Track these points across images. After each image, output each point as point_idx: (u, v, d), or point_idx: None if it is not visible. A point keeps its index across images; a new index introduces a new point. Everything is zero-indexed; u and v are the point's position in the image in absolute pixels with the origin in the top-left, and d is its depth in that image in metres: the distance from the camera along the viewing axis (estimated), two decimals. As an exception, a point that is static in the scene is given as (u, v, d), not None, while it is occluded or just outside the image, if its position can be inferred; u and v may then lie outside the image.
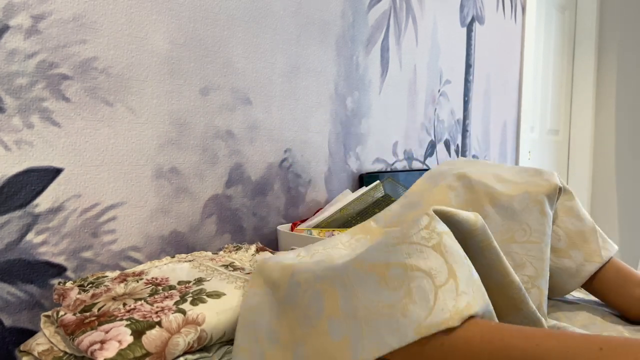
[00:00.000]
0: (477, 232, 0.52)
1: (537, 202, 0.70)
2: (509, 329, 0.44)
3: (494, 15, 2.08)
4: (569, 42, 3.05)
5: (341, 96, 1.26)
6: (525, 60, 2.36)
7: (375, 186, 1.12)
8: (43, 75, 0.71)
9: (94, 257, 0.78)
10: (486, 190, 0.72)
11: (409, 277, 0.45)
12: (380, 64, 1.40)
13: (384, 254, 0.48)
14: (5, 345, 0.69)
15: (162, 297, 0.63)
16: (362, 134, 1.35)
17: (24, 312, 0.70)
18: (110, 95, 0.79)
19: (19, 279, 0.70)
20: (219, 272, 0.73)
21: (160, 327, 0.56)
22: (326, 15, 1.20)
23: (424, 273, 0.45)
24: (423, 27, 1.58)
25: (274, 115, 1.07)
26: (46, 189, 0.72)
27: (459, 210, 0.51)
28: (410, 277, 0.45)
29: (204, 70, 0.92)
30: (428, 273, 0.45)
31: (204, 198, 0.94)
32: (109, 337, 0.53)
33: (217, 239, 0.97)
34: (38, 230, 0.71)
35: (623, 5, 2.98)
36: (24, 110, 0.69)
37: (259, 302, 0.57)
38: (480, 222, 0.52)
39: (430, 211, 0.49)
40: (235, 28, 0.98)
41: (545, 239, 0.68)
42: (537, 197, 0.70)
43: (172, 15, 0.87)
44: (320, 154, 1.21)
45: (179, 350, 0.55)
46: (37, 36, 0.70)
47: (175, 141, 0.89)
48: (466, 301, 0.44)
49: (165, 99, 0.86)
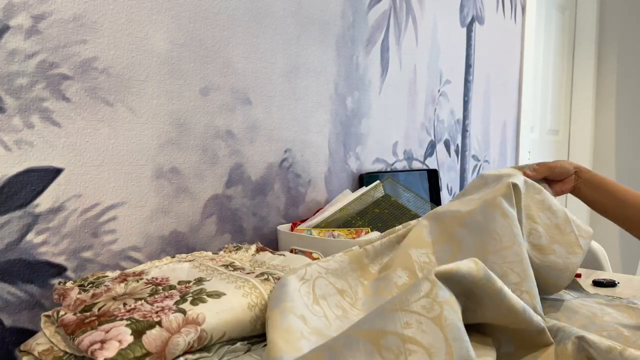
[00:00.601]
0: (481, 282, 0.51)
1: (495, 206, 0.71)
2: None
3: (494, 15, 2.08)
4: (569, 42, 3.05)
5: (341, 96, 1.26)
6: (525, 60, 2.36)
7: (375, 186, 1.12)
8: (43, 75, 0.71)
9: (94, 257, 0.78)
10: (452, 215, 0.75)
11: (406, 350, 0.43)
12: (380, 64, 1.40)
13: (380, 320, 0.45)
14: (6, 345, 0.69)
15: (162, 297, 0.63)
16: (362, 134, 1.35)
17: (24, 312, 0.71)
18: (111, 95, 0.79)
19: (19, 279, 0.70)
20: (219, 272, 0.73)
21: (161, 326, 0.56)
22: (326, 15, 1.20)
23: (423, 349, 0.43)
24: (423, 27, 1.59)
25: (274, 115, 1.07)
26: (46, 189, 0.72)
27: (459, 264, 0.50)
28: (407, 350, 0.43)
29: (204, 71, 0.93)
30: (427, 350, 0.43)
31: (204, 198, 0.94)
32: (109, 337, 0.53)
33: (217, 239, 0.97)
34: (38, 230, 0.71)
35: (623, 5, 2.98)
36: (24, 110, 0.69)
37: None
38: (482, 269, 0.51)
39: (431, 276, 0.47)
40: (235, 28, 0.98)
41: (517, 239, 0.68)
42: (494, 202, 0.71)
43: (172, 15, 0.87)
44: (320, 154, 1.21)
45: (179, 350, 0.55)
46: (37, 36, 0.70)
47: (175, 141, 0.89)
48: None
49: (165, 99, 0.86)
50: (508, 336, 0.57)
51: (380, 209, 1.08)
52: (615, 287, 0.96)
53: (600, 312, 0.79)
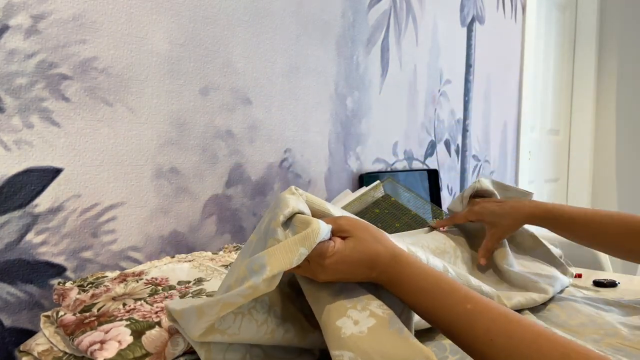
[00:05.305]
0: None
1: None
2: None
3: (494, 15, 2.08)
4: (569, 42, 3.04)
5: (341, 96, 1.26)
6: (525, 60, 2.36)
7: (375, 186, 1.12)
8: (43, 75, 0.71)
9: (94, 257, 0.78)
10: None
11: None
12: (381, 64, 1.40)
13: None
14: (5, 346, 0.69)
15: (162, 297, 0.63)
16: (362, 134, 1.35)
17: (24, 312, 0.70)
18: (110, 95, 0.79)
19: (18, 279, 0.70)
20: (219, 272, 0.73)
21: (160, 327, 0.56)
22: (326, 15, 1.20)
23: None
24: (423, 26, 1.58)
25: (274, 115, 1.07)
26: (46, 189, 0.72)
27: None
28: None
29: (204, 70, 0.92)
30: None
31: (204, 198, 0.94)
32: (108, 337, 0.53)
33: (217, 239, 0.97)
34: (38, 230, 0.71)
35: (623, 5, 2.98)
36: (24, 110, 0.69)
37: None
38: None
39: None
40: (235, 28, 0.98)
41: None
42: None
43: (172, 15, 0.87)
44: (320, 154, 1.20)
45: (179, 350, 0.55)
46: (36, 36, 0.70)
47: (175, 141, 0.89)
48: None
49: (165, 99, 0.86)
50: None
51: (380, 209, 1.08)
52: (615, 287, 0.96)
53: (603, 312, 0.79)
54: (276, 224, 0.52)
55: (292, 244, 0.49)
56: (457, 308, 0.49)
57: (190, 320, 0.49)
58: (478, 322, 0.48)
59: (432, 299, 0.51)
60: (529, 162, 2.52)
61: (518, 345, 0.44)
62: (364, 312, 0.51)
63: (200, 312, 0.48)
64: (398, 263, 0.53)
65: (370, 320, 0.50)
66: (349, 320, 0.50)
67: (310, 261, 0.52)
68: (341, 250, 0.52)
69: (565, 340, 0.44)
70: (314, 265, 0.52)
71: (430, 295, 0.51)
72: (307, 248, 0.49)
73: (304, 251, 0.48)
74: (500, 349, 0.45)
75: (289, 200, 0.54)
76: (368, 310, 0.51)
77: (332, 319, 0.51)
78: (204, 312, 0.48)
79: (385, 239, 0.55)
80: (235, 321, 0.51)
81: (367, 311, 0.51)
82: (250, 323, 0.52)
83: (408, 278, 0.53)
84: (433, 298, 0.51)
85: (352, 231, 0.54)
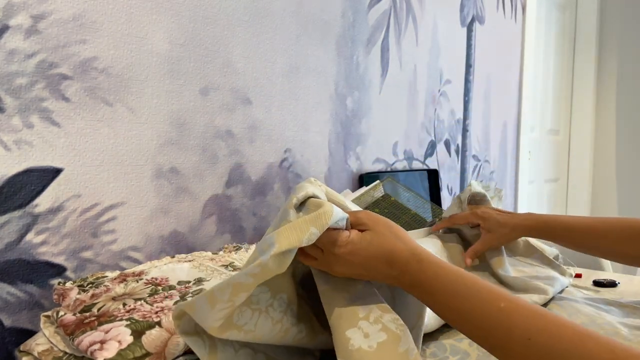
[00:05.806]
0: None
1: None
2: None
3: (494, 15, 2.08)
4: (569, 42, 3.04)
5: (341, 96, 1.26)
6: (525, 60, 2.36)
7: (375, 186, 1.12)
8: (43, 75, 0.71)
9: (94, 257, 0.78)
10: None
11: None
12: (381, 64, 1.40)
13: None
14: (5, 346, 0.69)
15: (162, 297, 0.63)
16: (362, 134, 1.35)
17: (24, 312, 0.70)
18: (110, 95, 0.79)
19: (18, 279, 0.70)
20: (219, 272, 0.73)
21: (160, 327, 0.56)
22: (326, 15, 1.20)
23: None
24: (423, 26, 1.58)
25: (274, 115, 1.07)
26: (46, 189, 0.72)
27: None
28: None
29: (204, 70, 0.92)
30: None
31: (204, 198, 0.94)
32: (108, 337, 0.53)
33: (217, 239, 0.97)
34: (38, 230, 0.71)
35: (623, 5, 2.98)
36: (24, 110, 0.69)
37: None
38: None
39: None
40: (235, 28, 0.98)
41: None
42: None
43: (172, 15, 0.87)
44: (320, 154, 1.20)
45: (179, 350, 0.55)
46: (36, 36, 0.70)
47: (175, 141, 0.89)
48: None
49: (165, 99, 0.86)
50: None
51: (380, 209, 1.08)
52: (615, 287, 0.96)
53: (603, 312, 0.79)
54: (289, 205, 0.52)
55: (303, 223, 0.47)
56: (489, 307, 0.46)
57: (203, 310, 0.46)
58: (513, 321, 0.45)
59: (462, 299, 0.48)
60: (529, 162, 2.52)
61: (558, 343, 0.42)
62: (376, 326, 0.49)
63: (211, 298, 0.46)
64: (420, 262, 0.51)
65: (381, 335, 0.48)
66: (359, 332, 0.48)
67: (324, 250, 0.51)
68: (356, 241, 0.51)
69: (606, 338, 0.42)
70: (327, 254, 0.51)
71: (460, 295, 0.48)
72: (319, 228, 0.47)
73: (314, 231, 0.47)
74: (540, 348, 0.42)
75: (306, 186, 0.54)
76: (380, 324, 0.49)
77: (343, 328, 0.50)
78: (215, 298, 0.45)
79: (406, 237, 0.53)
80: (252, 317, 0.50)
81: (380, 324, 0.49)
82: (266, 320, 0.52)
83: (432, 278, 0.50)
84: (463, 297, 0.48)
85: (370, 225, 0.53)
